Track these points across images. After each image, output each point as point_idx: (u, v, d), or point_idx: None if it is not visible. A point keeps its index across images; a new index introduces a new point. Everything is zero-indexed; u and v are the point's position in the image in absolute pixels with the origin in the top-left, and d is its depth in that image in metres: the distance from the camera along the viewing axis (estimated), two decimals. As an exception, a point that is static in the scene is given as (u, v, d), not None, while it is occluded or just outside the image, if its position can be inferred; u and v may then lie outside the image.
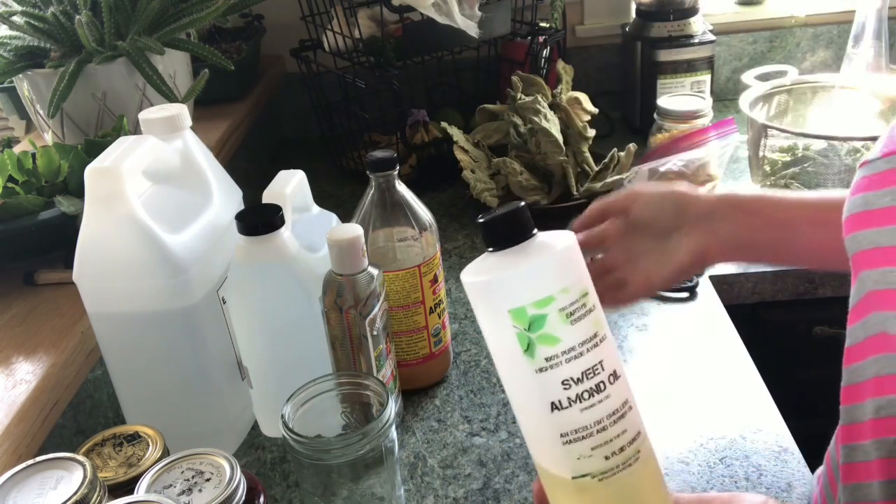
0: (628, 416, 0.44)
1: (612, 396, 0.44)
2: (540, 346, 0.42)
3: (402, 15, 1.25)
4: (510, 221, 0.44)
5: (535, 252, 0.44)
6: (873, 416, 0.50)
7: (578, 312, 0.43)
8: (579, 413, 0.43)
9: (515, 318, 0.42)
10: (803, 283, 1.08)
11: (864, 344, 0.52)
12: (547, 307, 0.42)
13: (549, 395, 0.43)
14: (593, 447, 0.43)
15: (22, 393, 0.71)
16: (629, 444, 0.44)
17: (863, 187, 0.53)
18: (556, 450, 0.44)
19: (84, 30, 0.96)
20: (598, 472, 0.44)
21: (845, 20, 1.47)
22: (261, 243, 0.74)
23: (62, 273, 0.85)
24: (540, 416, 0.44)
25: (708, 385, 0.87)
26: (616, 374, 0.44)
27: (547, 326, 0.42)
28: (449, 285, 1.09)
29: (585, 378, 0.43)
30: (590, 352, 0.43)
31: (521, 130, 1.23)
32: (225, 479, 0.59)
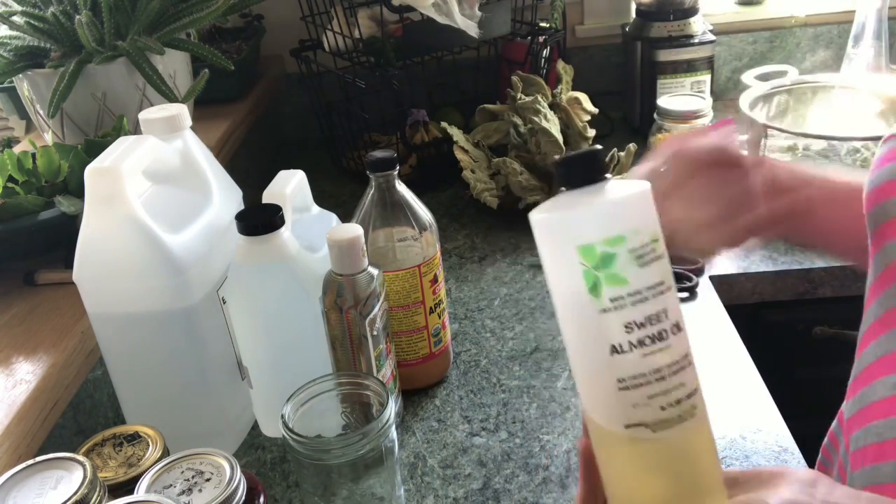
0: (687, 370, 0.44)
1: (673, 347, 0.43)
2: (607, 285, 0.42)
3: (402, 15, 1.26)
4: (586, 161, 0.44)
5: (608, 192, 0.43)
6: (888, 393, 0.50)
7: (648, 256, 0.42)
8: (640, 359, 0.42)
9: (584, 256, 0.42)
10: (803, 283, 1.08)
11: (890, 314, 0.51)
12: (617, 246, 0.42)
13: (611, 338, 0.42)
14: (650, 395, 0.43)
15: (22, 393, 0.71)
16: (686, 399, 0.44)
17: (891, 158, 0.52)
18: (611, 396, 0.43)
19: (84, 30, 0.96)
20: (653, 421, 0.43)
21: (845, 20, 1.47)
22: (261, 243, 0.74)
23: (62, 273, 0.85)
24: (598, 360, 0.43)
25: (708, 385, 0.87)
26: (679, 326, 0.44)
27: (616, 266, 0.42)
28: (449, 285, 1.09)
29: (649, 324, 0.42)
30: (655, 298, 0.42)
31: (521, 130, 1.23)
32: (225, 479, 0.59)
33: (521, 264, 1.13)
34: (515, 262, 1.13)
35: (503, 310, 1.03)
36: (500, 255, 1.16)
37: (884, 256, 0.52)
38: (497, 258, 1.15)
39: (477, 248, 1.18)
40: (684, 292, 1.02)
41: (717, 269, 1.08)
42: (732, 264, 1.09)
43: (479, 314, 1.03)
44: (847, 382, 0.57)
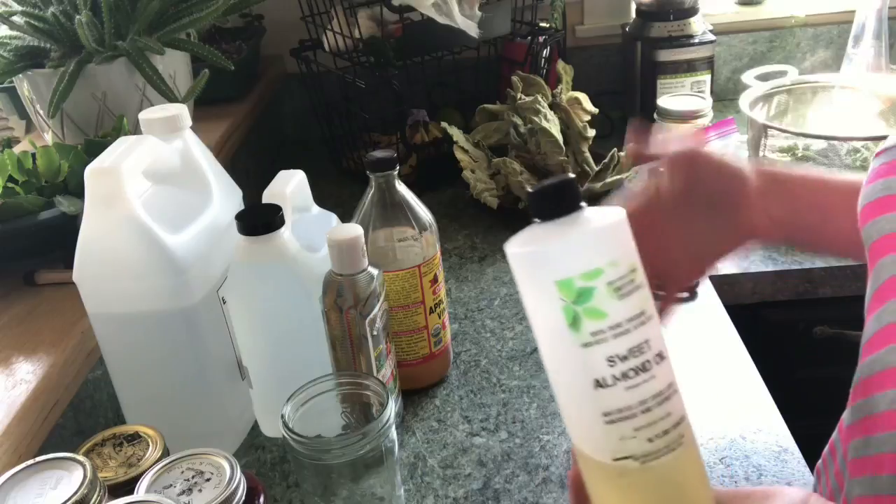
0: (673, 399, 0.43)
1: (658, 377, 0.42)
2: (586, 319, 0.41)
3: (402, 15, 1.25)
4: (559, 192, 0.43)
5: (584, 223, 0.43)
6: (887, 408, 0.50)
7: (627, 287, 0.42)
8: (624, 392, 0.42)
9: (562, 291, 0.41)
10: (803, 283, 1.08)
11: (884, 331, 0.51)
12: (595, 280, 0.41)
13: (594, 372, 0.42)
14: (636, 428, 0.42)
15: (22, 393, 0.71)
16: (673, 428, 0.43)
17: (882, 173, 0.52)
18: (597, 430, 0.43)
19: (84, 30, 0.95)
20: (641, 454, 0.43)
21: (845, 20, 1.47)
22: (261, 243, 0.74)
23: (62, 273, 0.85)
24: (582, 394, 0.43)
25: (708, 385, 0.87)
26: (662, 355, 0.43)
27: (594, 300, 0.41)
28: (449, 285, 1.09)
29: (631, 356, 0.42)
30: (637, 329, 0.42)
31: (521, 130, 1.23)
32: (225, 479, 0.59)
33: (521, 264, 1.12)
34: (515, 262, 1.13)
35: (503, 310, 1.03)
36: (500, 255, 1.16)
37: (879, 272, 0.52)
38: (497, 258, 1.15)
39: (477, 248, 1.18)
40: (684, 292, 1.02)
41: (718, 269, 1.08)
42: (732, 264, 1.09)
43: (479, 314, 1.03)
44: (847, 383, 0.57)
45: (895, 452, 0.49)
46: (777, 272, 1.07)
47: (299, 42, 1.41)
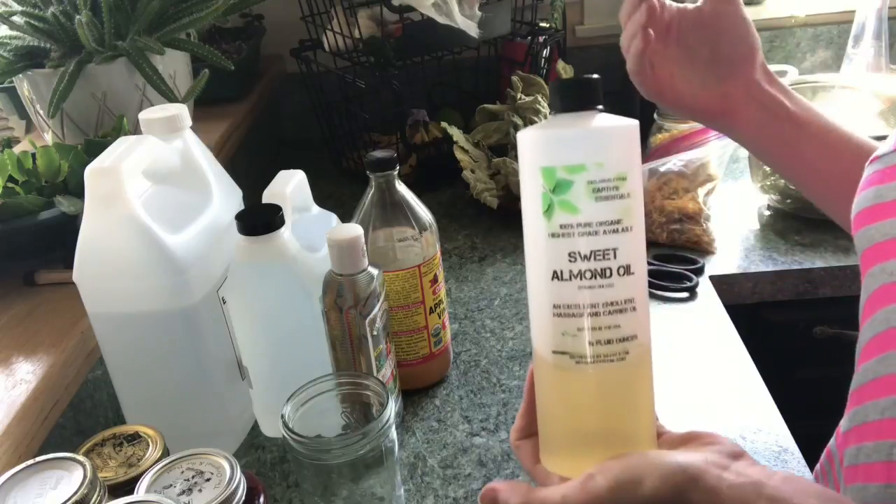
0: (628, 315, 0.43)
1: (616, 287, 0.43)
2: (559, 210, 0.42)
3: (402, 15, 1.25)
4: (578, 88, 0.44)
5: (586, 121, 0.44)
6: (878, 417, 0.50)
7: (608, 192, 0.42)
8: (576, 290, 0.43)
9: (544, 177, 0.42)
10: (803, 283, 1.08)
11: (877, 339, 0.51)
12: (576, 174, 0.42)
13: (554, 263, 0.43)
14: (579, 328, 0.43)
15: (22, 393, 0.71)
16: (618, 342, 0.43)
17: (875, 181, 0.52)
18: (545, 321, 0.44)
19: (84, 30, 0.95)
20: (577, 354, 0.43)
21: (845, 20, 1.47)
22: (261, 243, 0.74)
23: (62, 273, 0.85)
24: (541, 283, 0.44)
25: (708, 385, 0.87)
26: (629, 269, 0.43)
27: (570, 193, 0.42)
28: (449, 285, 1.09)
29: (593, 257, 0.42)
30: (607, 234, 0.42)
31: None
32: (225, 479, 0.59)
33: (521, 264, 1.13)
34: (515, 262, 1.13)
35: (503, 310, 1.03)
36: (500, 255, 1.16)
37: (872, 280, 0.52)
38: (497, 258, 1.15)
39: (477, 248, 1.18)
40: (684, 292, 1.02)
41: (717, 269, 1.08)
42: (732, 264, 1.09)
43: (479, 314, 1.03)
44: (847, 383, 0.58)
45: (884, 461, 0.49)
46: (777, 272, 1.07)
47: (299, 42, 1.41)
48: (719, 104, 0.68)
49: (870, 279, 0.53)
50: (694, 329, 0.96)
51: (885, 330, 0.50)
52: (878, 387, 0.50)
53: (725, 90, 0.68)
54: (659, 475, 0.41)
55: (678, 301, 1.01)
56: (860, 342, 0.54)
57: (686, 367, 0.90)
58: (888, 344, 0.50)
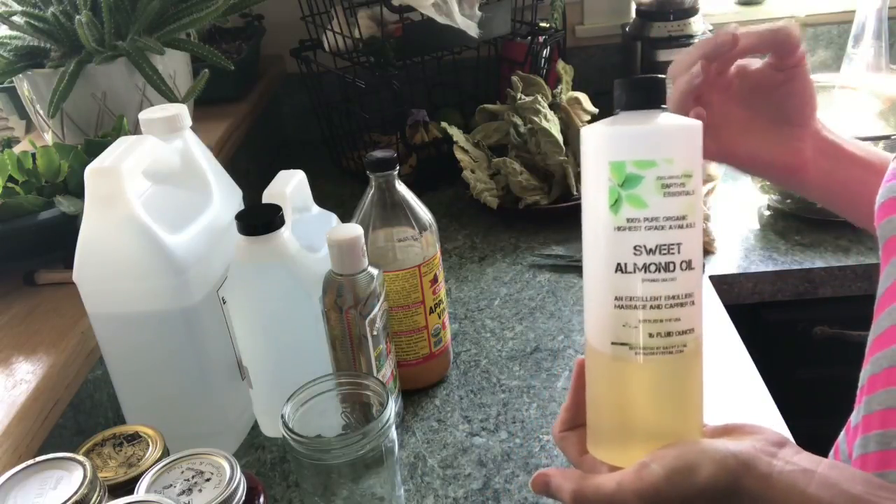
0: (687, 309, 0.45)
1: (678, 281, 0.44)
2: (627, 204, 0.43)
3: (402, 15, 1.25)
4: (644, 86, 0.45)
5: (654, 118, 0.45)
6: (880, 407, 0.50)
7: (675, 188, 0.43)
8: (640, 282, 0.44)
9: (613, 172, 0.43)
10: (803, 283, 1.08)
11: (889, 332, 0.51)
12: (646, 170, 0.43)
13: (618, 256, 0.44)
14: (641, 319, 0.44)
15: (22, 393, 0.71)
16: (678, 335, 0.45)
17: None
18: (605, 312, 0.45)
19: (84, 30, 0.95)
20: (638, 345, 0.44)
21: (845, 20, 1.47)
22: (261, 243, 0.74)
23: (62, 273, 0.85)
24: (603, 276, 0.45)
25: (708, 385, 0.87)
26: (691, 264, 0.44)
27: (639, 188, 0.43)
28: (449, 285, 1.09)
29: (658, 252, 0.43)
30: (672, 230, 0.43)
31: (521, 130, 1.23)
32: (225, 479, 0.59)
33: (521, 264, 1.13)
34: (515, 262, 1.13)
35: (503, 310, 1.03)
36: (500, 255, 1.16)
37: (893, 270, 0.52)
38: (497, 258, 1.15)
39: (477, 248, 1.18)
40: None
41: (717, 269, 1.08)
42: (732, 264, 1.09)
43: (479, 314, 1.03)
44: (847, 383, 0.57)
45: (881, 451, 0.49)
46: (777, 272, 1.07)
47: (299, 42, 1.41)
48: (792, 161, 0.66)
49: (891, 269, 0.52)
50: (694, 329, 0.96)
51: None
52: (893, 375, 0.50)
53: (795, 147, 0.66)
54: (713, 462, 0.42)
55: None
56: (874, 332, 0.54)
57: (686, 367, 0.90)
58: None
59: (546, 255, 1.13)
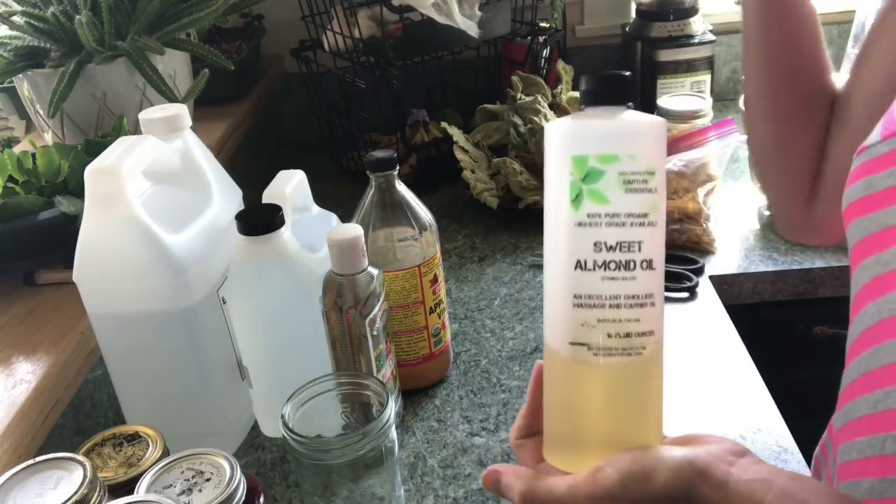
0: (647, 310, 0.43)
1: (639, 281, 0.43)
2: (588, 200, 0.42)
3: (402, 15, 1.26)
4: (609, 83, 0.45)
5: (618, 114, 0.44)
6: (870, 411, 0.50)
7: (637, 184, 0.42)
8: (599, 280, 0.43)
9: (575, 166, 0.43)
10: (803, 283, 1.08)
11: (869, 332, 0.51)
12: (608, 164, 0.42)
13: (578, 252, 0.43)
14: (600, 319, 0.43)
15: (22, 393, 0.71)
16: (638, 336, 0.43)
17: (864, 172, 0.52)
18: (564, 311, 0.44)
19: (84, 30, 0.96)
20: (596, 346, 0.43)
21: (845, 20, 1.47)
22: (261, 243, 0.74)
23: (62, 273, 0.85)
24: (563, 273, 0.44)
25: (708, 385, 0.87)
26: (652, 264, 0.43)
27: (601, 183, 0.42)
28: (449, 285, 1.09)
29: (619, 249, 0.43)
30: (633, 227, 0.43)
31: (521, 130, 1.23)
32: (225, 479, 0.59)
33: (521, 264, 1.13)
34: (515, 262, 1.13)
35: (503, 310, 1.03)
36: (500, 255, 1.16)
37: (864, 273, 0.52)
38: (497, 258, 1.15)
39: (477, 248, 1.18)
40: (684, 292, 1.02)
41: (717, 269, 1.08)
42: (732, 264, 1.09)
43: (479, 314, 1.03)
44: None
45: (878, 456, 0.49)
46: (777, 272, 1.07)
47: (299, 42, 1.41)
48: None
49: (861, 272, 0.52)
50: (694, 329, 0.96)
51: (876, 322, 0.50)
52: (870, 380, 0.50)
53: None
54: (668, 469, 0.41)
55: (678, 301, 1.01)
56: (850, 338, 0.54)
57: (686, 367, 0.90)
58: (880, 336, 0.49)
59: (546, 255, 1.13)
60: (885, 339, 0.49)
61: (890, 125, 0.51)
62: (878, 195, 0.51)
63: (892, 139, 0.50)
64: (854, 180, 0.53)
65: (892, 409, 0.47)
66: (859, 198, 0.52)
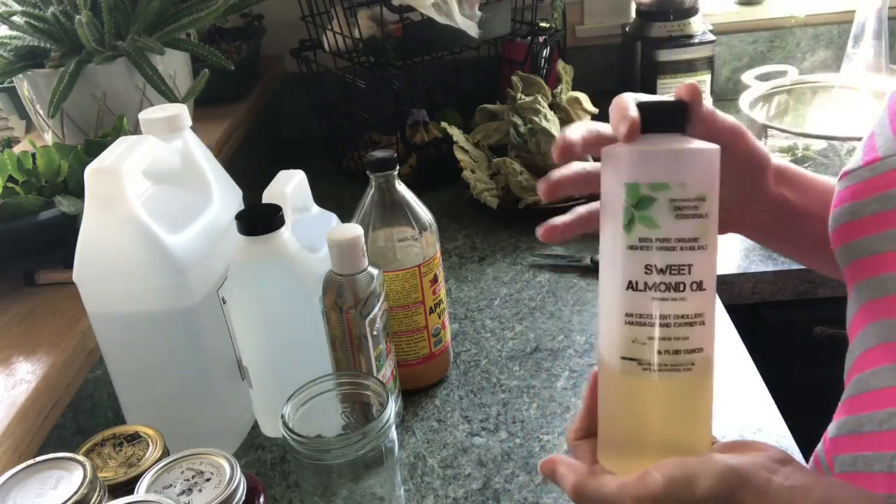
0: (697, 329, 0.45)
1: (688, 301, 0.45)
2: (639, 224, 0.44)
3: (402, 15, 1.26)
4: (664, 111, 0.47)
5: (670, 142, 0.46)
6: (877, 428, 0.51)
7: (687, 210, 0.44)
8: (650, 300, 0.45)
9: (628, 193, 0.44)
10: (803, 283, 1.08)
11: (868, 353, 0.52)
12: (659, 192, 0.44)
13: (630, 274, 0.45)
14: (650, 336, 0.45)
15: (22, 393, 0.71)
16: (686, 353, 0.45)
17: (847, 197, 0.53)
18: (616, 328, 0.46)
19: (84, 30, 0.96)
20: (647, 361, 0.45)
21: (845, 20, 1.47)
22: (261, 243, 0.74)
23: (62, 273, 0.85)
24: (615, 293, 0.46)
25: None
26: (702, 286, 0.45)
27: (652, 209, 0.44)
28: (449, 285, 1.09)
29: (669, 271, 0.45)
30: (683, 251, 0.45)
31: (521, 130, 1.23)
32: (225, 479, 0.59)
33: (521, 264, 1.13)
34: (515, 262, 1.13)
35: (503, 310, 1.03)
36: (500, 255, 1.16)
37: (858, 294, 0.53)
38: (497, 258, 1.15)
39: (477, 248, 1.18)
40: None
41: (718, 269, 1.08)
42: (732, 264, 1.09)
43: (479, 314, 1.03)
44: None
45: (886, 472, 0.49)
46: (777, 272, 1.07)
47: (299, 42, 1.41)
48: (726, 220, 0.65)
49: (856, 293, 0.54)
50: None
51: (876, 344, 0.51)
52: (873, 399, 0.51)
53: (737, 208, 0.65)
54: (713, 475, 0.43)
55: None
56: (851, 353, 0.55)
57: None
58: (882, 358, 0.51)
59: (546, 255, 1.13)
60: (884, 362, 0.50)
61: (870, 151, 0.52)
62: (862, 221, 0.52)
63: (873, 164, 0.51)
64: (838, 204, 0.54)
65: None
66: (844, 223, 0.53)
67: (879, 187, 0.51)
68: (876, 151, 0.51)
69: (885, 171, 0.50)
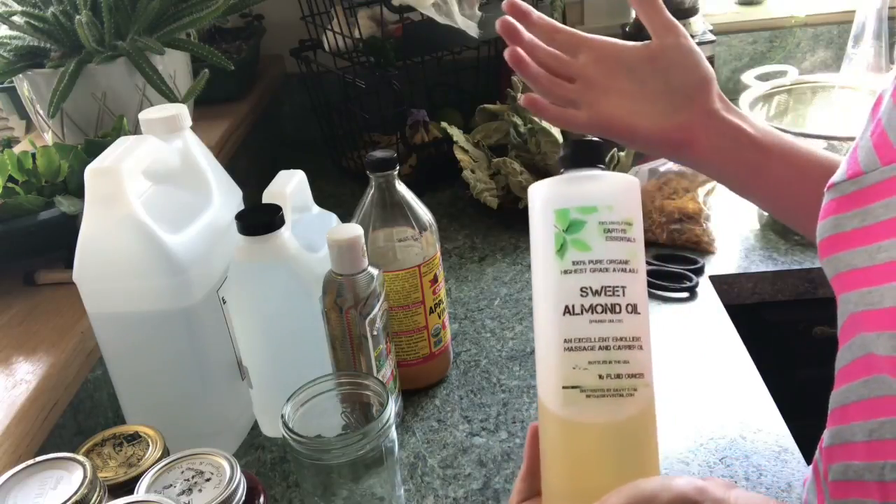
0: (636, 353, 0.45)
1: (625, 324, 0.45)
2: (572, 248, 0.45)
3: (402, 15, 1.26)
4: (585, 149, 0.50)
5: (594, 174, 0.49)
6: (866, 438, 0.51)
7: (617, 233, 0.45)
8: (587, 323, 0.45)
9: (558, 218, 0.46)
10: (803, 283, 1.08)
11: (852, 366, 0.53)
12: (588, 215, 0.45)
13: (566, 298, 0.45)
14: (591, 361, 0.45)
15: (22, 393, 0.71)
16: (627, 377, 0.45)
17: (832, 210, 0.54)
18: (556, 356, 0.46)
19: (84, 30, 0.96)
20: (588, 387, 0.45)
21: (845, 20, 1.47)
22: (261, 243, 0.74)
23: (62, 273, 0.85)
24: (552, 319, 0.46)
25: (708, 385, 0.87)
26: (636, 308, 0.46)
27: (583, 233, 0.45)
28: (449, 285, 1.09)
29: (604, 293, 0.45)
30: (616, 272, 0.45)
31: (521, 130, 1.23)
32: (225, 479, 0.59)
33: (521, 264, 1.13)
34: (515, 262, 1.13)
35: (503, 310, 1.03)
36: (500, 255, 1.16)
37: (844, 306, 0.54)
38: (497, 258, 1.15)
39: (477, 248, 1.18)
40: (684, 292, 1.02)
41: (717, 269, 1.08)
42: (732, 264, 1.09)
43: (479, 314, 1.03)
44: None
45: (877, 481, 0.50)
46: (777, 272, 1.07)
47: (299, 42, 1.41)
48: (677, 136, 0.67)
49: (843, 304, 0.54)
50: (694, 329, 0.96)
51: (864, 355, 0.52)
52: (863, 409, 0.52)
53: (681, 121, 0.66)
54: (670, 493, 0.43)
55: (678, 301, 1.01)
56: (839, 362, 0.56)
57: (686, 367, 0.90)
58: (869, 368, 0.51)
59: (546, 255, 1.13)
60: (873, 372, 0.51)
61: (854, 164, 0.52)
62: (846, 235, 0.52)
63: (856, 178, 0.51)
64: (824, 216, 0.55)
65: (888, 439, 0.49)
66: (829, 236, 0.54)
67: (861, 202, 0.51)
68: (858, 165, 0.52)
69: (868, 185, 0.51)
